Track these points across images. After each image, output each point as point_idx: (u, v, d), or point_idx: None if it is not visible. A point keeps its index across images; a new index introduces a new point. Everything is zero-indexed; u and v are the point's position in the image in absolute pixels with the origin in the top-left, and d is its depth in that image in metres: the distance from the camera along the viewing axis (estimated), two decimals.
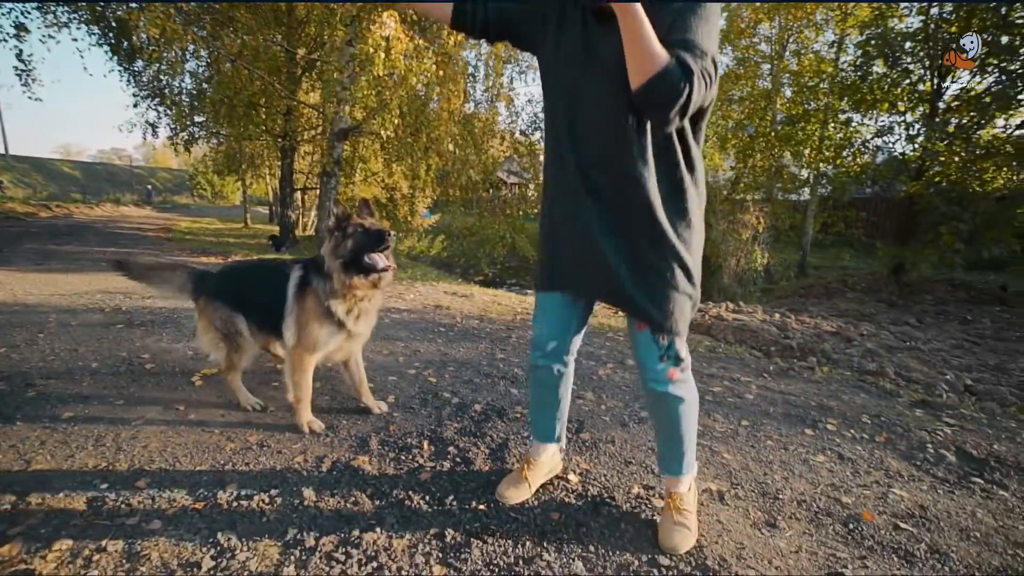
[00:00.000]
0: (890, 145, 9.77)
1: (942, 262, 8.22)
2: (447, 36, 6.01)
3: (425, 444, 1.99)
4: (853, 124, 10.32)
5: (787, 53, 11.72)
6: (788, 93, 11.79)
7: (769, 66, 12.38)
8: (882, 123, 9.87)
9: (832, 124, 10.59)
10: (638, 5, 1.02)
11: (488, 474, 1.81)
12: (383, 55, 5.00)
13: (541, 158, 11.16)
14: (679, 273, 1.27)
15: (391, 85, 5.68)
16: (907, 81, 8.59)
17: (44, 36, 12.57)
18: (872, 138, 10.32)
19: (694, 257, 1.30)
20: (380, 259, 1.91)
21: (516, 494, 1.63)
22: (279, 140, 10.26)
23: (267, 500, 1.59)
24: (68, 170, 35.92)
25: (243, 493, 1.62)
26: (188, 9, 6.78)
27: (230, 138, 11.15)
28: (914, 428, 2.44)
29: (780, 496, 1.79)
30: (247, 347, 2.18)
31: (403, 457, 1.90)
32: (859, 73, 9.16)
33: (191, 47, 7.91)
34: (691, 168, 1.25)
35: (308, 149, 12.14)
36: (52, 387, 2.37)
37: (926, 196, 7.90)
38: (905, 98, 8.66)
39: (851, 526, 1.61)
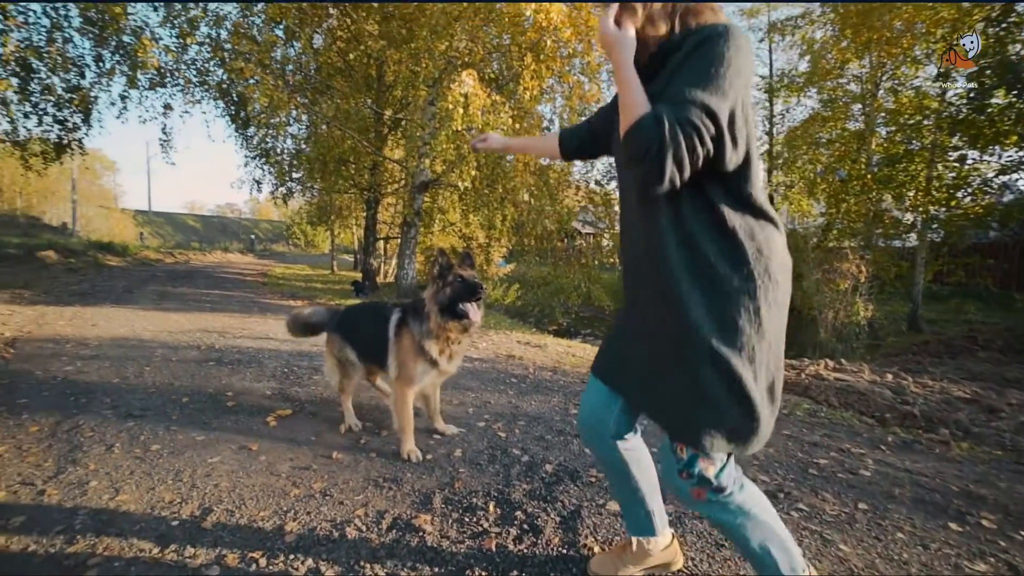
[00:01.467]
0: (1020, 183, 8.58)
1: None
2: (522, 92, 6.27)
3: (491, 506, 1.84)
4: (969, 162, 9.25)
5: (880, 91, 10.93)
6: (884, 132, 10.90)
7: (860, 106, 11.59)
8: (1009, 159, 8.75)
9: (938, 162, 9.57)
10: (618, 42, 1.04)
11: (559, 547, 1.61)
12: (461, 111, 5.27)
13: (615, 208, 11.08)
14: (709, 372, 1.02)
15: (469, 139, 5.96)
16: None
17: (182, 112, 14.76)
18: (995, 176, 9.16)
19: (744, 361, 1.02)
20: (472, 309, 2.12)
21: (601, 567, 1.48)
22: (365, 193, 11.09)
23: (324, 554, 1.51)
24: (191, 223, 41.44)
25: (301, 544, 1.55)
26: (293, 82, 7.69)
27: (322, 191, 12.23)
28: None
29: None
30: (354, 373, 2.55)
31: (467, 519, 1.75)
32: (973, 106, 8.26)
33: (294, 112, 8.91)
34: (727, 237, 1.03)
35: (391, 200, 12.99)
36: (148, 418, 2.52)
37: None
38: None
39: None
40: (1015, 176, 8.73)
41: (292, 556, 1.50)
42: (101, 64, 8.78)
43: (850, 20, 10.16)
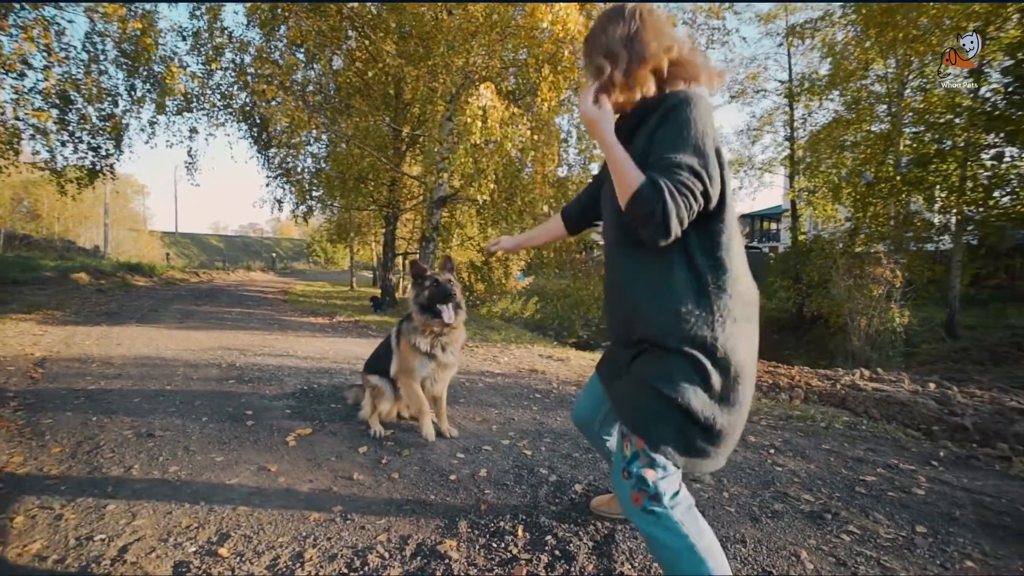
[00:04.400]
0: None
1: None
2: (540, 103, 6.25)
3: (520, 530, 1.73)
4: (1007, 159, 8.88)
5: (907, 90, 10.63)
6: (912, 132, 10.56)
7: (885, 106, 11.30)
8: None
9: (972, 162, 9.20)
10: (600, 122, 1.18)
11: (593, 575, 1.49)
12: (480, 124, 5.26)
13: None
14: (661, 367, 1.16)
15: (487, 152, 5.94)
16: None
17: (207, 135, 15.31)
18: None
19: (694, 364, 1.13)
20: (445, 311, 2.36)
21: (605, 505, 1.82)
22: (383, 209, 11.18)
23: None
24: (215, 243, 42.56)
25: (320, 574, 1.47)
26: (313, 102, 7.83)
27: (342, 209, 12.38)
28: None
29: None
30: (383, 397, 2.66)
31: (495, 544, 1.65)
32: (1012, 100, 7.93)
33: (313, 132, 9.09)
34: (692, 271, 1.17)
35: (409, 216, 13.10)
36: (168, 439, 2.49)
37: None
38: None
39: None
40: None
41: None
42: (133, 93, 9.12)
43: (874, 19, 9.95)
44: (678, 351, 1.14)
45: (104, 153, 9.34)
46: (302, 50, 8.35)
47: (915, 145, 10.32)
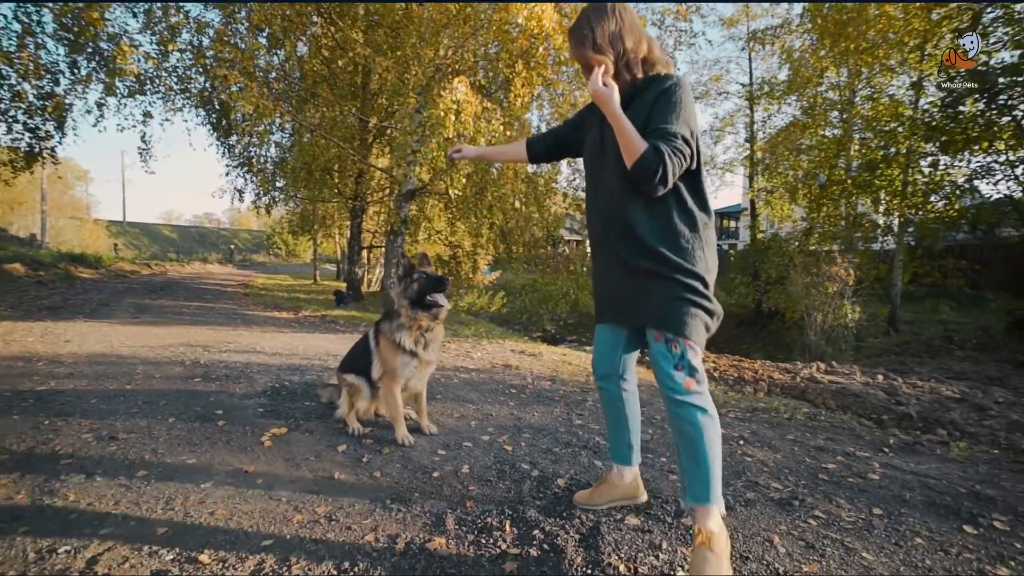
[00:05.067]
0: (993, 187, 8.88)
1: None
2: (513, 99, 6.24)
3: (507, 525, 1.76)
4: (941, 167, 9.54)
5: (858, 99, 11.23)
6: (862, 139, 11.19)
7: (838, 113, 11.90)
8: (977, 164, 9.05)
9: (912, 168, 9.85)
10: (610, 99, 1.43)
11: (583, 567, 1.53)
12: (453, 118, 5.21)
13: None
14: (680, 284, 1.50)
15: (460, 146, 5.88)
16: (1007, 118, 7.88)
17: (162, 120, 14.46)
18: (965, 181, 9.45)
19: (697, 277, 1.52)
20: (440, 298, 2.38)
21: (587, 498, 1.90)
22: (350, 202, 10.91)
23: None
24: (168, 233, 40.40)
25: None
26: (278, 89, 7.54)
27: (306, 201, 11.99)
28: None
29: None
30: (360, 396, 2.63)
31: (483, 540, 1.67)
32: (946, 114, 8.54)
33: (278, 120, 8.75)
34: (687, 213, 1.54)
35: (376, 209, 12.83)
36: (132, 441, 2.38)
37: None
38: (1006, 136, 7.90)
39: None
40: (986, 180, 9.01)
41: None
42: (76, 70, 8.49)
43: (828, 30, 10.45)
44: (689, 272, 1.50)
45: (44, 135, 8.69)
46: (265, 34, 8.02)
47: (863, 151, 10.95)
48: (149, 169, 9.82)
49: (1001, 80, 7.57)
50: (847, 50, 10.45)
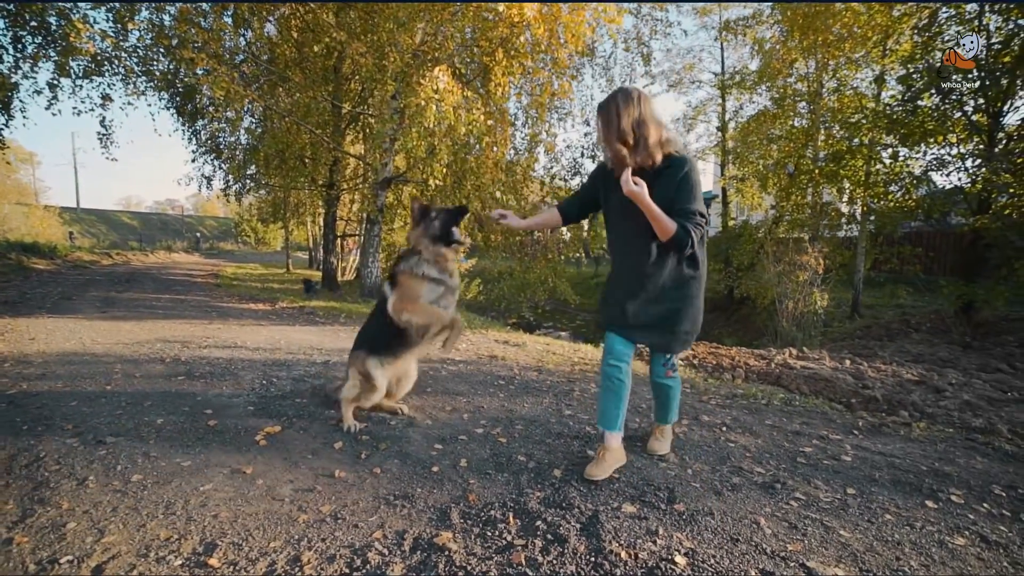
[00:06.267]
0: (945, 178, 9.35)
1: (1019, 298, 7.58)
2: (493, 88, 6.19)
3: (510, 517, 1.82)
4: (901, 158, 9.97)
5: (824, 90, 11.57)
6: (829, 130, 11.56)
7: (806, 104, 12.24)
8: (932, 156, 9.49)
9: (874, 159, 10.27)
10: (643, 196, 1.88)
11: (586, 555, 1.61)
12: (434, 107, 5.14)
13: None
14: (682, 320, 2.12)
15: (440, 135, 5.82)
16: (959, 113, 8.27)
17: (123, 104, 13.63)
18: (922, 172, 9.92)
19: (690, 317, 2.14)
20: (457, 232, 2.50)
21: (599, 471, 2.15)
22: (324, 190, 10.66)
23: None
24: (128, 220, 38.55)
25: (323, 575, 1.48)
26: (249, 72, 7.25)
27: (278, 188, 11.64)
28: None
29: None
30: (374, 388, 2.62)
31: (489, 533, 1.73)
32: (905, 107, 8.89)
33: (248, 106, 8.42)
34: (692, 264, 2.09)
35: (351, 197, 12.57)
36: (122, 445, 2.33)
37: (994, 229, 7.40)
38: (958, 130, 8.31)
39: None
40: (941, 172, 9.47)
41: None
42: (21, 47, 7.93)
43: (797, 22, 10.68)
44: (689, 314, 2.12)
45: None
46: (230, 13, 7.67)
47: (830, 141, 11.31)
48: (111, 156, 9.31)
49: (954, 77, 7.93)
50: (815, 43, 10.73)
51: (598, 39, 8.52)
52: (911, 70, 8.89)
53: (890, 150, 10.37)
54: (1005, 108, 7.99)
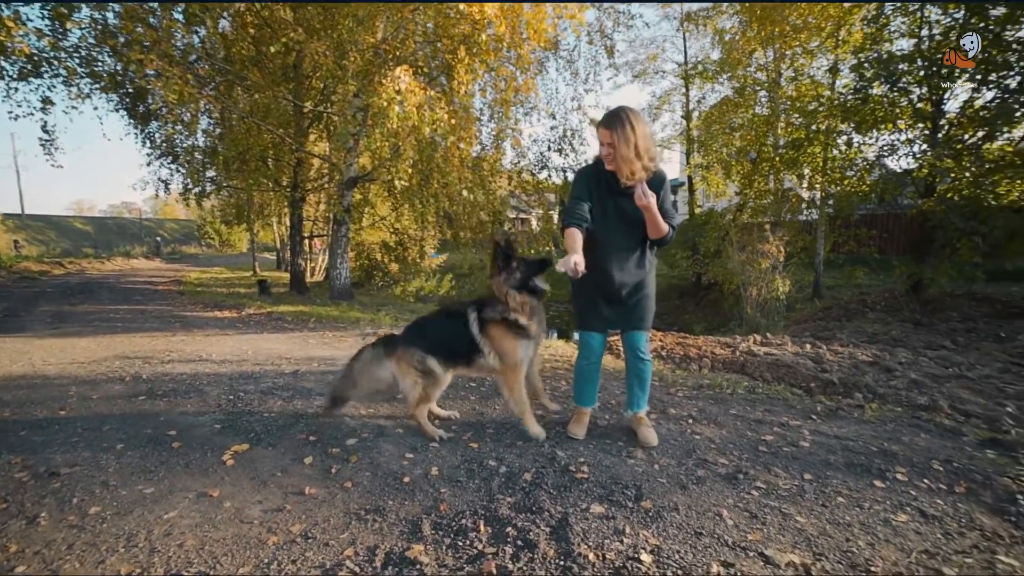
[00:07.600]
0: (895, 163, 9.80)
1: (962, 276, 8.02)
2: (457, 86, 6.13)
3: (481, 525, 1.85)
4: (855, 144, 10.39)
5: (783, 79, 11.91)
6: (788, 118, 11.93)
7: (766, 93, 12.57)
8: (883, 142, 9.92)
9: (831, 145, 10.67)
10: (654, 209, 2.26)
11: (556, 559, 1.65)
12: (397, 108, 5.07)
13: (549, 196, 11.41)
14: (651, 299, 2.56)
15: (404, 135, 5.74)
16: (906, 101, 8.66)
17: (68, 108, 12.94)
18: (875, 158, 10.36)
19: (654, 298, 2.58)
20: (541, 283, 2.56)
21: (581, 431, 2.68)
22: (288, 191, 10.39)
23: None
24: (80, 226, 36.68)
25: None
26: (204, 73, 6.97)
27: (240, 190, 11.29)
28: (993, 475, 2.27)
29: (872, 569, 1.63)
30: (437, 382, 2.65)
31: (460, 543, 1.75)
32: (857, 96, 9.25)
33: (204, 107, 8.10)
34: (652, 255, 2.57)
35: (317, 198, 12.30)
36: (77, 475, 2.25)
37: (939, 211, 7.82)
38: (906, 117, 8.70)
39: None
40: (891, 157, 9.92)
41: None
42: None
43: (755, 13, 10.94)
44: (653, 289, 2.57)
45: None
46: (180, 10, 7.34)
47: (789, 129, 11.67)
48: (56, 163, 8.82)
49: (901, 66, 8.29)
50: (772, 33, 11.01)
51: (561, 34, 8.56)
52: (862, 59, 9.25)
53: (845, 137, 10.79)
54: (946, 96, 8.39)
